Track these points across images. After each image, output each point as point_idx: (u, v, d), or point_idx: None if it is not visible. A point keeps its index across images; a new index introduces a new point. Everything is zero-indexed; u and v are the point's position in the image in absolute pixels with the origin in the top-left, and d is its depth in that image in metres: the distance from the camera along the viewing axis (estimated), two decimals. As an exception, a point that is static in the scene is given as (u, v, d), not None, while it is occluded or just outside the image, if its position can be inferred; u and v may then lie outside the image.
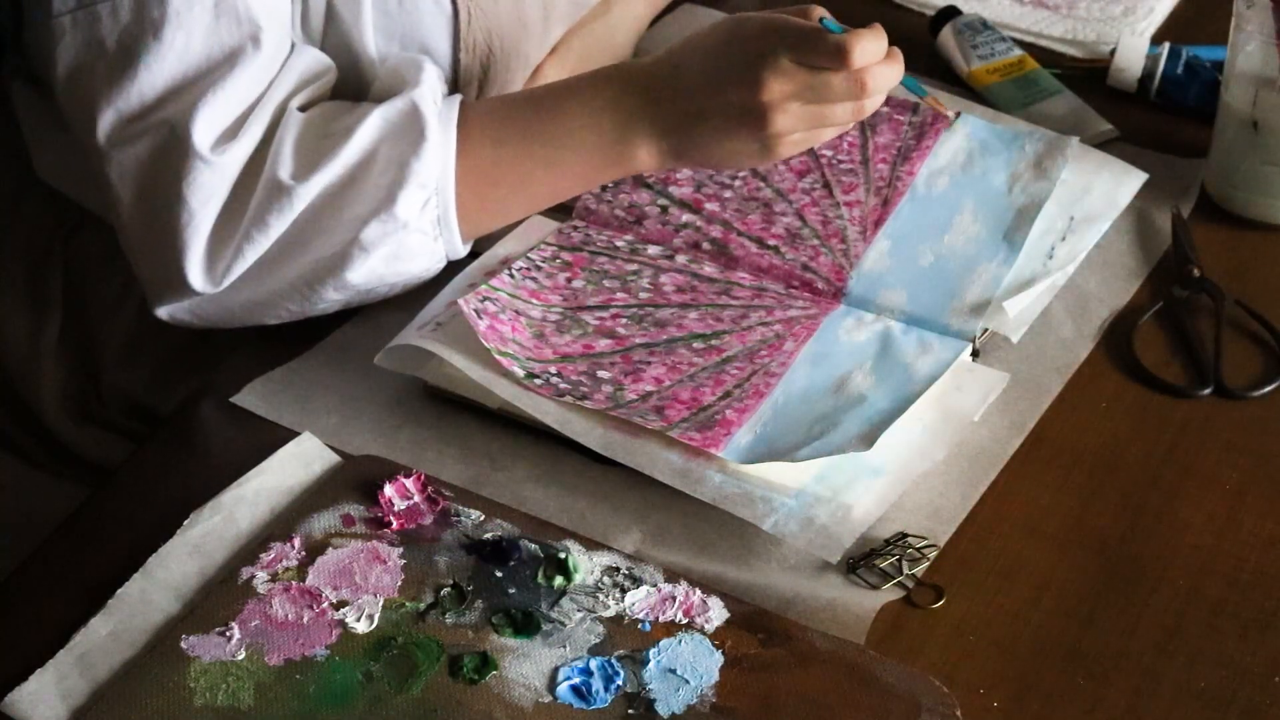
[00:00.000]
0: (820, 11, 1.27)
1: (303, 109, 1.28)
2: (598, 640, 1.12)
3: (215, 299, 1.27)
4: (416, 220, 1.27)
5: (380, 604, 1.13)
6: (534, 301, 1.31)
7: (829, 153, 1.42)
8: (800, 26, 1.24)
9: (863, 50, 1.23)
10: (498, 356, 1.25)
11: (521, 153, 1.29)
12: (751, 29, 1.25)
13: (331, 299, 1.29)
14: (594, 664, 1.10)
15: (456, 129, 1.28)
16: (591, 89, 1.30)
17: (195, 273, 1.25)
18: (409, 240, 1.27)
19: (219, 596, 1.13)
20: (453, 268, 1.33)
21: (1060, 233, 1.38)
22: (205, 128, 1.23)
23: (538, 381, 1.25)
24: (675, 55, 1.29)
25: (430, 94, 1.28)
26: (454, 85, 1.38)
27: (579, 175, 1.31)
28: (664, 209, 1.39)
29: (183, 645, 1.10)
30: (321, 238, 1.26)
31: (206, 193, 1.24)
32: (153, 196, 1.24)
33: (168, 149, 1.23)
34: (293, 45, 1.28)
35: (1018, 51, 1.59)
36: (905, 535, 1.18)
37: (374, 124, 1.26)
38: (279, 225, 1.24)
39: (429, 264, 1.30)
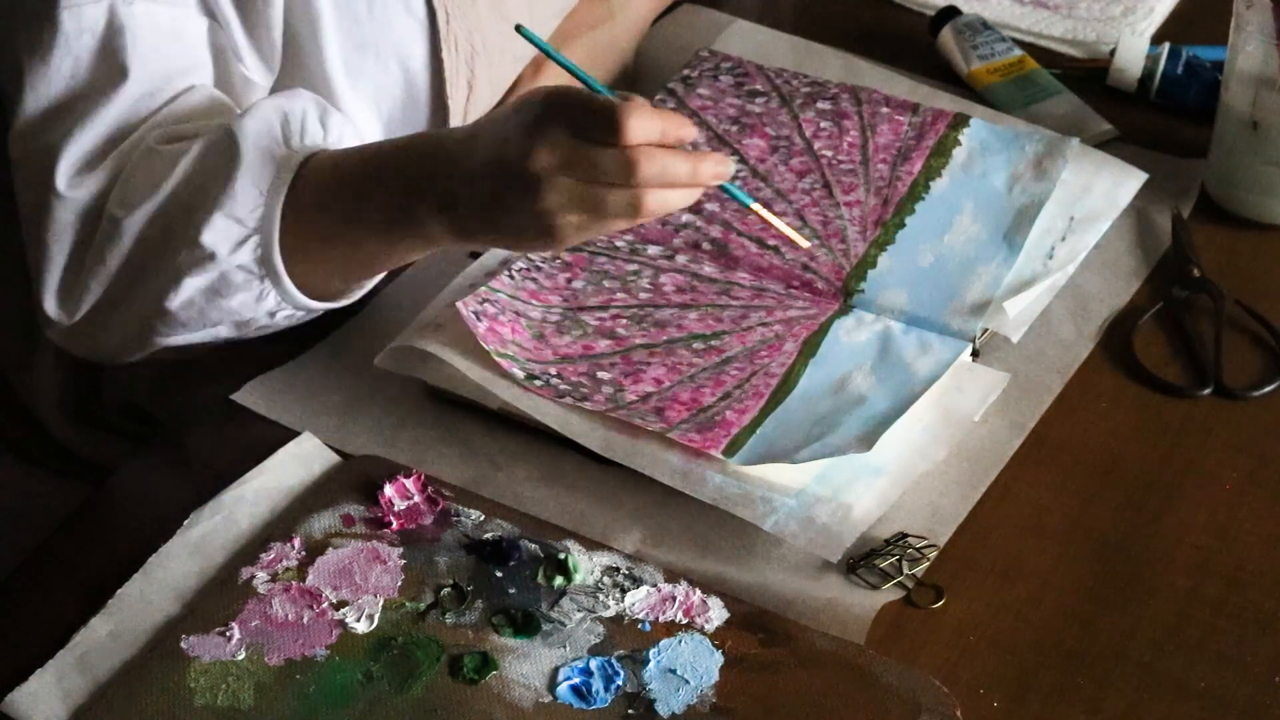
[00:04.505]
0: (641, 103, 1.15)
1: (171, 141, 1.25)
2: (598, 640, 1.12)
3: (75, 332, 1.26)
4: (229, 255, 1.22)
5: (380, 604, 1.13)
6: (534, 302, 1.31)
7: (829, 153, 1.42)
8: (581, 93, 1.15)
9: (637, 122, 1.12)
10: (497, 358, 1.25)
11: (334, 205, 1.24)
12: (535, 96, 1.17)
13: (164, 333, 1.26)
14: (594, 664, 1.10)
15: (296, 171, 1.22)
16: (398, 154, 1.23)
17: (50, 304, 1.25)
18: (231, 276, 1.23)
19: (219, 596, 1.13)
20: (452, 272, 1.33)
21: (1060, 233, 1.38)
22: (70, 161, 1.22)
23: (538, 383, 1.25)
24: (478, 124, 1.22)
25: (261, 127, 1.22)
26: (438, 87, 1.37)
27: (380, 237, 1.23)
28: (664, 209, 1.39)
29: (183, 645, 1.10)
30: (150, 269, 1.23)
31: (59, 227, 1.23)
32: (26, 222, 1.26)
33: (38, 180, 1.23)
34: (191, 88, 1.26)
35: (1018, 51, 1.59)
36: (905, 535, 1.18)
37: (194, 152, 1.22)
38: (114, 259, 1.23)
39: (257, 305, 1.25)
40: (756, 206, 1.24)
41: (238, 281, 1.23)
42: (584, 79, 1.20)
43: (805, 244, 1.28)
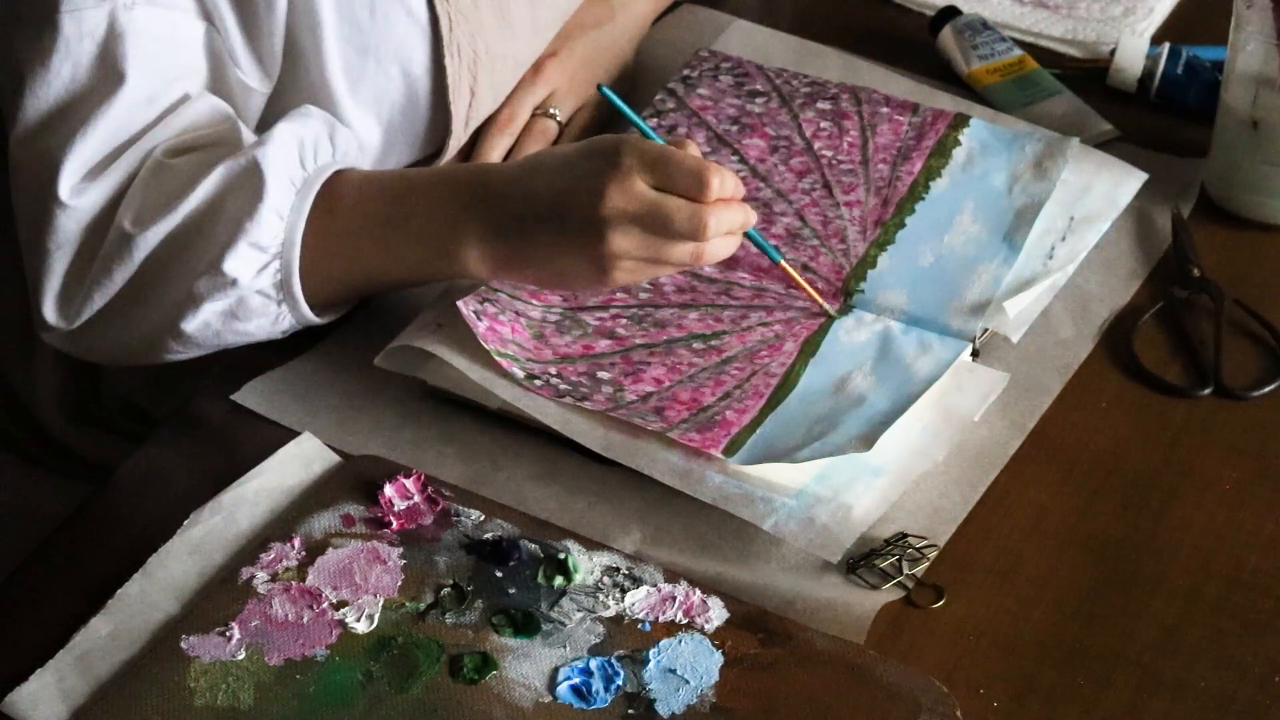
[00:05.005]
0: (694, 146, 1.23)
1: (179, 154, 1.25)
2: (598, 640, 1.12)
3: (74, 337, 1.26)
4: (251, 280, 1.23)
5: (380, 604, 1.13)
6: (534, 302, 1.31)
7: (829, 153, 1.42)
8: (665, 147, 1.20)
9: (719, 181, 1.18)
10: (497, 358, 1.25)
11: (359, 230, 1.25)
12: (606, 143, 1.21)
13: (177, 350, 1.27)
14: (594, 664, 1.10)
15: (315, 197, 1.24)
16: (438, 181, 1.26)
17: (49, 309, 1.25)
18: (250, 300, 1.24)
19: (219, 596, 1.13)
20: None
21: (1060, 233, 1.38)
22: (72, 168, 1.22)
23: (538, 383, 1.25)
24: (531, 162, 1.25)
25: (282, 154, 1.23)
26: (439, 93, 1.37)
27: (409, 265, 1.26)
28: (664, 209, 1.39)
29: (183, 645, 1.10)
30: (161, 287, 1.23)
31: (61, 237, 1.23)
32: (26, 226, 1.25)
33: (38, 185, 1.23)
34: (187, 95, 1.26)
35: (1018, 51, 1.59)
36: (905, 535, 1.18)
37: (216, 177, 1.23)
38: (121, 274, 1.23)
39: (272, 327, 1.26)
40: (785, 264, 1.30)
41: (255, 306, 1.24)
42: (646, 130, 1.25)
43: (831, 310, 1.31)
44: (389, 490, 1.19)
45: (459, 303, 1.28)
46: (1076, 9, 1.67)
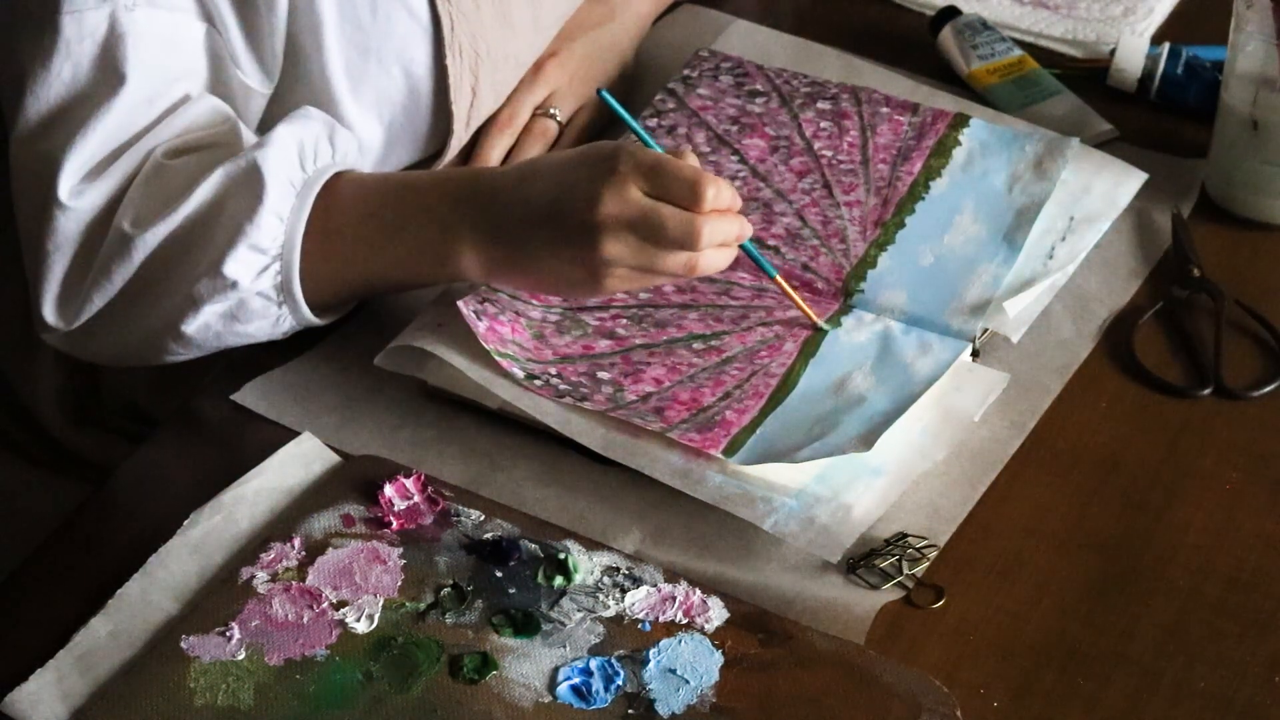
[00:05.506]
0: (691, 154, 1.23)
1: (178, 155, 1.25)
2: (598, 640, 1.12)
3: (74, 338, 1.26)
4: (251, 282, 1.23)
5: (380, 604, 1.13)
6: (534, 302, 1.31)
7: (829, 153, 1.42)
8: (661, 156, 1.20)
9: (715, 192, 1.18)
10: (497, 358, 1.25)
11: (358, 233, 1.25)
12: (603, 150, 1.21)
13: (177, 351, 1.27)
14: (594, 664, 1.10)
15: (315, 197, 1.24)
16: (435, 185, 1.26)
17: (49, 310, 1.25)
18: (250, 302, 1.24)
19: (219, 596, 1.13)
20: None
21: (1060, 233, 1.38)
22: (72, 169, 1.22)
23: (537, 383, 1.25)
24: (527, 167, 1.25)
25: (282, 156, 1.23)
26: (441, 93, 1.37)
27: (406, 268, 1.26)
28: (664, 209, 1.39)
29: (183, 645, 1.10)
30: (161, 289, 1.23)
31: (60, 238, 1.23)
32: (25, 227, 1.25)
33: (38, 186, 1.23)
34: (187, 96, 1.26)
35: (1018, 51, 1.59)
36: (905, 535, 1.18)
37: (216, 179, 1.22)
38: (121, 275, 1.23)
39: (273, 328, 1.27)
40: (780, 279, 1.30)
41: (255, 307, 1.24)
42: (644, 137, 1.26)
43: (822, 323, 1.30)
44: (389, 490, 1.19)
45: (459, 303, 1.28)
46: (1076, 9, 1.67)
